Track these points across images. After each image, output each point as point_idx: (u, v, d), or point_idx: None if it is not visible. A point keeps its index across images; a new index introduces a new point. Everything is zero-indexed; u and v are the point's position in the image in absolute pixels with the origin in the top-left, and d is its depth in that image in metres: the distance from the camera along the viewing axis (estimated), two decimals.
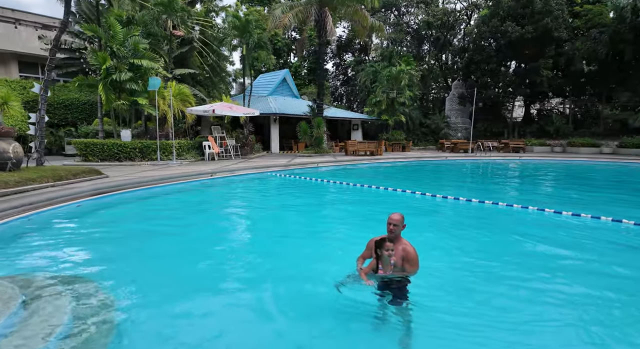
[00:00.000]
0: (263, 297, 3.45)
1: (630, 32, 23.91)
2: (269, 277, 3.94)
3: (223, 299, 3.42)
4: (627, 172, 14.75)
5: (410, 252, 3.36)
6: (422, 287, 3.38)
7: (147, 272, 4.05)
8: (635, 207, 7.70)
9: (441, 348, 2.66)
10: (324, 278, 3.65)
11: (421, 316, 2.97)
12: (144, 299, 3.31)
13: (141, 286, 3.60)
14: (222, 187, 10.15)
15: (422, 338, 2.72)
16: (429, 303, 3.23)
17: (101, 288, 3.35)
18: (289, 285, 3.72)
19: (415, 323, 2.87)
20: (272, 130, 24.22)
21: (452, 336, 2.73)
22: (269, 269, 4.18)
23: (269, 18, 18.52)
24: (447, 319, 2.98)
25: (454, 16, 33.53)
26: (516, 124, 30.85)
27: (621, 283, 3.77)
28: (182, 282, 3.77)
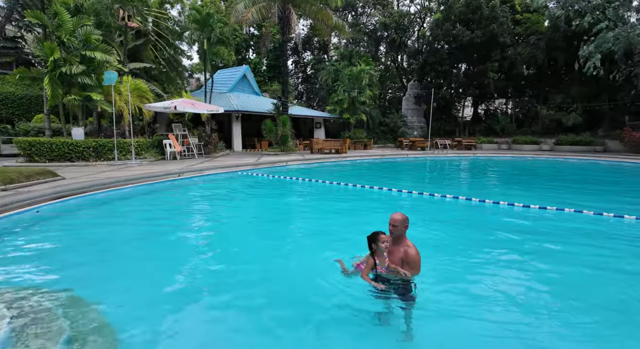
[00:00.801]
0: (261, 305, 3.29)
1: (564, 41, 26.49)
2: (269, 281, 3.88)
3: (216, 308, 3.23)
4: (570, 167, 16.38)
5: (410, 255, 3.27)
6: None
7: (130, 281, 3.78)
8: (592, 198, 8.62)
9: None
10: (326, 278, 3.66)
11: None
12: (135, 312, 3.08)
13: (131, 300, 3.33)
14: (192, 187, 9.75)
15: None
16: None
17: (88, 302, 3.09)
18: (294, 285, 3.70)
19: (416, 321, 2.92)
20: (234, 128, 23.61)
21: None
22: (269, 271, 4.12)
23: (231, 12, 17.97)
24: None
25: (409, 19, 34.86)
26: (466, 123, 32.89)
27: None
28: (171, 294, 3.49)
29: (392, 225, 3.31)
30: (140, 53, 19.84)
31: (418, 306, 3.06)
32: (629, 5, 23.30)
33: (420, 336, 2.76)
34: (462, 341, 2.73)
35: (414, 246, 3.32)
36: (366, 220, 6.35)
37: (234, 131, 23.64)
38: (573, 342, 2.70)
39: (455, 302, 3.26)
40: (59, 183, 8.20)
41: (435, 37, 28.90)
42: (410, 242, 3.35)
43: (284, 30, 19.41)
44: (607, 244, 5.10)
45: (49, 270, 3.98)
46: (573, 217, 6.31)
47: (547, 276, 3.92)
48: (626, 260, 4.46)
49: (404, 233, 3.37)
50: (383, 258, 3.28)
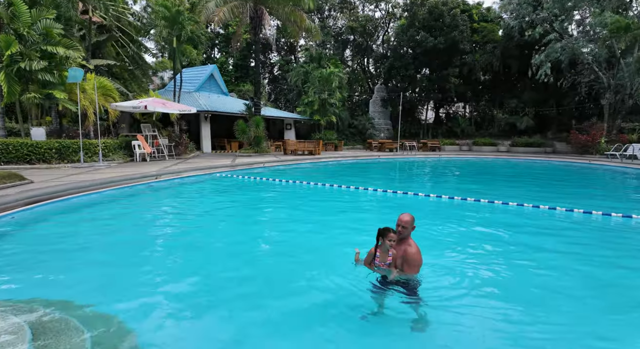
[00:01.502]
0: (269, 305, 3.29)
1: (517, 49, 28.53)
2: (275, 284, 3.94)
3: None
4: (529, 167, 17.67)
5: (409, 254, 3.31)
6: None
7: (130, 289, 3.68)
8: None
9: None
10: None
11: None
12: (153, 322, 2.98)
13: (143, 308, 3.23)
14: (173, 190, 9.45)
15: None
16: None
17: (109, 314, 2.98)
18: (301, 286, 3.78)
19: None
20: (203, 129, 23.01)
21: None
22: (271, 274, 4.17)
23: (202, 10, 17.54)
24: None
25: (374, 23, 35.83)
26: (429, 126, 34.34)
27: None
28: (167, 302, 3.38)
29: (402, 226, 3.35)
30: (102, 49, 18.79)
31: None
32: (572, 19, 25.61)
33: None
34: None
35: (416, 245, 3.37)
36: (364, 217, 6.56)
37: (203, 132, 23.04)
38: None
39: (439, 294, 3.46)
40: (28, 187, 7.62)
41: (401, 42, 29.97)
42: (413, 242, 3.40)
43: (256, 30, 19.25)
44: (566, 234, 5.68)
45: (48, 280, 3.76)
46: (537, 213, 6.93)
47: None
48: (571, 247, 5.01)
49: (410, 233, 3.43)
50: (385, 254, 3.36)
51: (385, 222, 3.45)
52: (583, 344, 2.71)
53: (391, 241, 3.32)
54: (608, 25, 20.61)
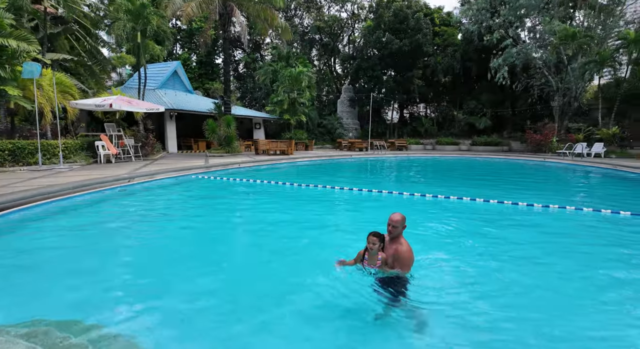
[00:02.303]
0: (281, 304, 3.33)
1: (475, 53, 30.10)
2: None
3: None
4: (491, 164, 18.72)
5: (401, 252, 3.39)
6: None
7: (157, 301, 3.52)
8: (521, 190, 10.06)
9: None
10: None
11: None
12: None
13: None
14: (151, 193, 8.97)
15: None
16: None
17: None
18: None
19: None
20: (168, 128, 22.09)
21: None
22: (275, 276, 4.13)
23: (168, 5, 16.79)
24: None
25: (341, 24, 36.22)
26: (395, 126, 35.33)
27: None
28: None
29: (392, 226, 3.45)
30: (54, 43, 17.37)
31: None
32: (524, 26, 27.46)
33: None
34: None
35: (408, 244, 3.45)
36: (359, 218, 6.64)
37: (168, 132, 22.11)
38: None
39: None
40: None
41: (368, 43, 30.52)
42: (405, 240, 3.48)
43: (225, 27, 18.77)
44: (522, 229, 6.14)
45: (37, 297, 3.45)
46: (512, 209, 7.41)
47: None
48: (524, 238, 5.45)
49: (401, 232, 3.51)
50: (374, 257, 3.44)
51: (377, 225, 3.53)
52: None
53: (373, 244, 3.39)
54: (557, 33, 22.37)
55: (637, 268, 4.32)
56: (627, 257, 4.66)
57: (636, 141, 21.79)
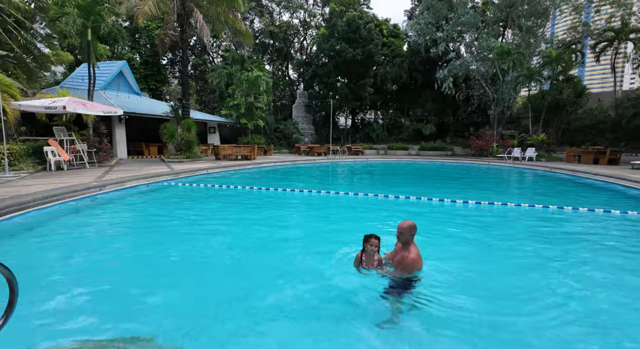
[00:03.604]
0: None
1: (422, 64, 32.26)
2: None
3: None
4: (440, 167, 20.20)
5: (405, 258, 3.60)
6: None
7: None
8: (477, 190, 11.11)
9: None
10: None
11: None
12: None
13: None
14: (126, 202, 8.42)
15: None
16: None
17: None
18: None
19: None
20: (117, 132, 20.61)
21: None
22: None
23: (122, 2, 15.77)
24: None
25: (295, 30, 36.59)
26: (348, 131, 36.45)
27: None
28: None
29: (399, 232, 3.65)
30: None
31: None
32: (464, 41, 30.14)
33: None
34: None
35: (417, 253, 3.62)
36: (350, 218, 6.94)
37: (117, 136, 20.63)
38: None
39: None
40: None
41: (322, 51, 31.22)
42: (415, 248, 3.65)
43: (184, 28, 18.11)
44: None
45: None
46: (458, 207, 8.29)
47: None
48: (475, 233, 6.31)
49: (411, 239, 3.67)
50: (371, 258, 3.69)
51: (365, 228, 3.80)
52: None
53: (373, 246, 3.63)
54: (494, 49, 24.95)
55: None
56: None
57: (559, 146, 25.02)
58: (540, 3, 25.64)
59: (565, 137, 26.77)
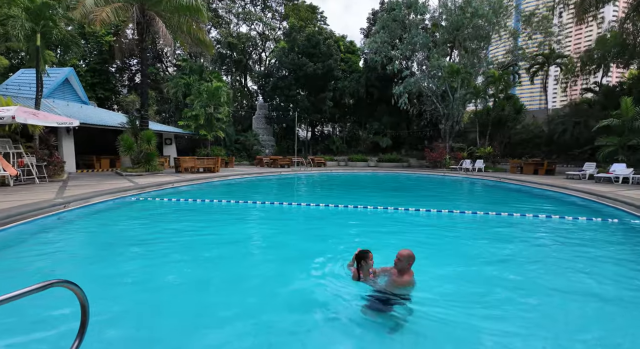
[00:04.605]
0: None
1: (377, 80, 33.75)
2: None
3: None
4: (396, 178, 21.18)
5: (397, 281, 3.76)
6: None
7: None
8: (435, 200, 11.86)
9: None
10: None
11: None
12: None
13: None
14: (97, 219, 7.87)
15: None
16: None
17: None
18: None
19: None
20: (65, 144, 19.11)
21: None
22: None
23: (77, 7, 14.85)
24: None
25: (253, 42, 36.61)
26: (309, 143, 36.86)
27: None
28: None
29: (398, 258, 3.76)
30: None
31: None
32: (417, 60, 32.15)
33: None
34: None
35: (409, 280, 3.76)
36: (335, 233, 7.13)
37: (65, 148, 19.09)
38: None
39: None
40: None
41: (283, 64, 31.56)
42: (411, 278, 3.79)
43: (143, 36, 17.42)
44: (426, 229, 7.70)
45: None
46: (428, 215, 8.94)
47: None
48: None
49: (408, 268, 3.80)
50: (367, 272, 3.83)
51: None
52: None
53: (371, 260, 3.78)
54: (443, 68, 26.91)
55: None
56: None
57: (502, 158, 27.38)
58: (482, 28, 28.23)
59: (507, 149, 29.35)
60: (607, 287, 4.32)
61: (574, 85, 31.19)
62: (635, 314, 3.69)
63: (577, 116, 25.87)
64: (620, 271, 4.97)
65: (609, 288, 4.28)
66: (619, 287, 4.35)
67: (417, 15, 30.39)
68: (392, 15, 30.13)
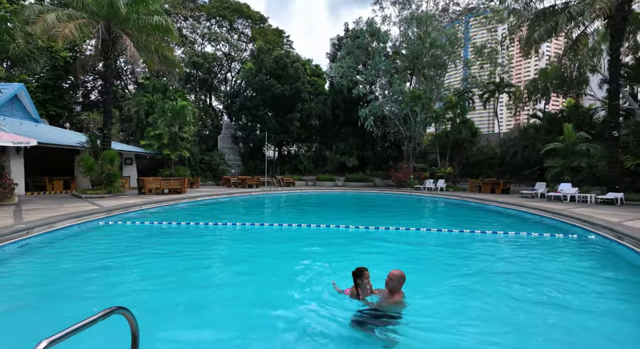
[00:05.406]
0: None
1: (343, 102, 34.81)
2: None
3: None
4: (372, 198, 21.65)
5: (387, 301, 3.83)
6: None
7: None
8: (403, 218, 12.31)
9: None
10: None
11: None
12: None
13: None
14: (64, 245, 7.32)
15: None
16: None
17: None
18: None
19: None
20: (14, 164, 17.69)
21: None
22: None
23: (37, 22, 14.14)
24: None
25: (219, 62, 36.53)
26: (276, 163, 36.78)
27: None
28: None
29: (389, 278, 3.83)
30: None
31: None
32: (380, 84, 33.67)
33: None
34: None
35: (399, 300, 3.83)
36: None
37: (14, 169, 17.65)
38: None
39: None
40: None
41: (251, 84, 31.70)
42: (401, 298, 3.85)
43: (108, 54, 16.88)
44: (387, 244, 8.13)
45: None
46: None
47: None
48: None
49: (399, 288, 3.87)
50: (365, 290, 3.91)
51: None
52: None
53: (367, 279, 3.86)
54: (405, 93, 28.40)
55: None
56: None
57: (461, 177, 28.98)
58: (440, 57, 30.35)
59: (465, 170, 31.14)
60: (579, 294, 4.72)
61: (522, 111, 34.06)
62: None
63: (526, 140, 28.18)
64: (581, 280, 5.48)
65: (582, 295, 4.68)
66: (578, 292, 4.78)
67: (380, 43, 32.07)
68: (356, 42, 31.57)
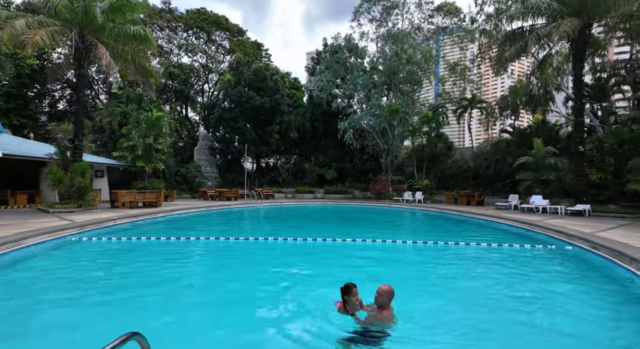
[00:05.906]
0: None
1: (322, 115, 35.10)
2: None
3: None
4: (350, 210, 21.69)
5: (376, 317, 3.81)
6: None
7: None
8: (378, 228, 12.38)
9: None
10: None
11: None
12: None
13: None
14: (45, 266, 6.79)
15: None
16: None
17: None
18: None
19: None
20: None
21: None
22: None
23: (4, 28, 13.46)
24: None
25: (197, 73, 36.06)
26: (255, 175, 36.31)
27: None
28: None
29: (378, 293, 3.80)
30: None
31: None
32: (358, 98, 34.27)
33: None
34: None
35: (389, 316, 3.80)
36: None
37: None
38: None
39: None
40: None
41: (229, 96, 31.40)
42: (390, 314, 3.81)
43: (81, 62, 16.27)
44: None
45: None
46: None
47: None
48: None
49: (388, 303, 3.84)
50: (353, 306, 3.84)
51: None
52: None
53: (356, 296, 3.80)
54: (382, 107, 29.00)
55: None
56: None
57: (437, 190, 29.66)
58: (415, 73, 31.33)
59: (441, 182, 31.92)
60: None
61: (493, 126, 35.50)
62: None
63: (498, 154, 29.30)
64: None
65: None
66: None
67: (358, 58, 32.78)
68: (335, 57, 32.11)
